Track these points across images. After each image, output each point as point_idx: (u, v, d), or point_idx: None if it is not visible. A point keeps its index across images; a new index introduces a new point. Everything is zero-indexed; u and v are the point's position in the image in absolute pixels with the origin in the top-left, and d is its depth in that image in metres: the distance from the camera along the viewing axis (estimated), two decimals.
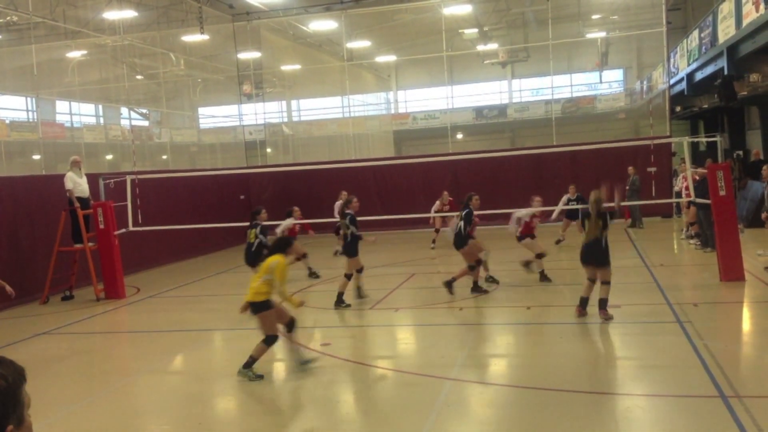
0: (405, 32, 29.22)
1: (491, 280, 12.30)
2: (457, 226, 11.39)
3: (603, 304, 9.32)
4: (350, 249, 11.03)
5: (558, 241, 16.92)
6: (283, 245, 7.84)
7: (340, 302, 10.98)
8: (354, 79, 27.12)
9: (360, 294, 11.43)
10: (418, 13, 26.15)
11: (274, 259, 7.58)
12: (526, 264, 12.66)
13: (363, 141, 28.68)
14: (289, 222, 13.96)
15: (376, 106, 36.06)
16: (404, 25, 27.76)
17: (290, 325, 7.84)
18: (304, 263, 14.21)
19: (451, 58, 27.46)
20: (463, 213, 11.37)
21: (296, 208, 14.25)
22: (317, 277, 14.21)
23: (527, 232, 12.70)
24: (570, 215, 16.41)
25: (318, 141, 30.54)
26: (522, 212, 12.72)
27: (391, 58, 32.91)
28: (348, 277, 11.16)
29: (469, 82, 37.34)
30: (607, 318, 9.21)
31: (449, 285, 11.40)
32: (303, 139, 30.74)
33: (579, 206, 14.60)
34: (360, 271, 11.28)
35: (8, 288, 8.96)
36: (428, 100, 38.52)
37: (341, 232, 11.55)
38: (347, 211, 11.08)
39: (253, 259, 11.10)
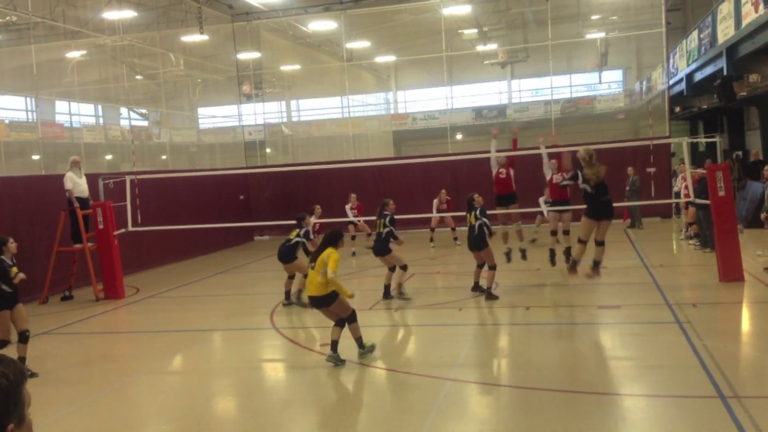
0: (404, 32, 29.22)
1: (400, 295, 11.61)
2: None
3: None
4: (385, 247, 11.36)
5: (533, 240, 16.27)
6: (334, 238, 8.12)
7: (401, 294, 11.42)
8: (353, 80, 27.11)
9: (401, 291, 11.51)
10: (418, 13, 26.15)
11: (327, 252, 7.92)
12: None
13: (362, 141, 28.67)
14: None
15: (376, 106, 36.05)
16: (404, 25, 27.76)
17: (352, 317, 8.12)
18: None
19: (451, 58, 27.45)
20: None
21: (318, 207, 14.26)
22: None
23: (558, 197, 12.70)
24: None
25: (317, 141, 30.52)
26: (545, 163, 12.83)
27: (390, 58, 32.91)
28: (396, 269, 11.42)
29: (468, 82, 37.31)
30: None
31: (485, 291, 11.30)
32: (302, 139, 30.73)
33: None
34: (404, 267, 11.44)
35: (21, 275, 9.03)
36: (428, 100, 38.51)
37: (370, 232, 11.97)
38: (385, 212, 11.48)
39: (286, 255, 11.20)
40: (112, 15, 21.62)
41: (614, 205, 10.39)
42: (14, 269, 8.09)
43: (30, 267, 13.57)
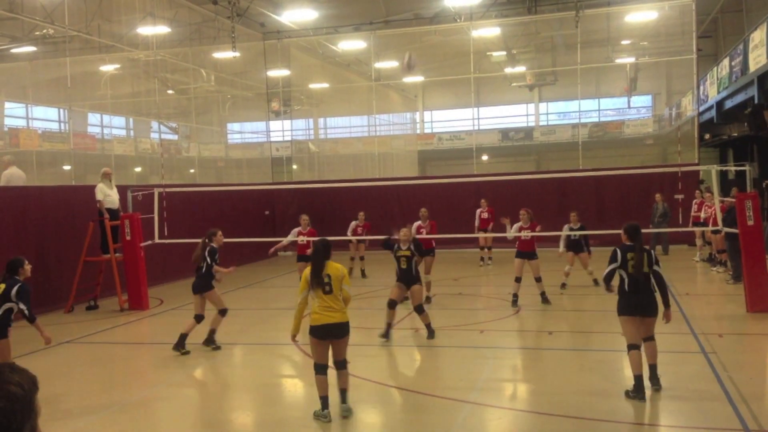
0: (433, 53, 29.33)
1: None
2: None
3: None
4: (206, 283, 10.38)
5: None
6: (329, 250, 7.19)
7: (209, 342, 10.27)
8: (381, 99, 27.26)
9: (210, 339, 10.43)
10: (447, 35, 26.27)
11: (336, 267, 7.00)
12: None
13: (388, 160, 28.76)
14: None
15: (402, 125, 36.19)
16: (432, 46, 27.89)
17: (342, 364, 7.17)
18: None
19: (479, 79, 27.54)
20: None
21: (304, 216, 14.06)
22: None
23: (524, 248, 12.52)
24: (572, 246, 14.06)
25: (343, 159, 30.68)
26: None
27: (418, 78, 33.03)
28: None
29: (495, 104, 37.35)
30: None
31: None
32: (328, 156, 30.91)
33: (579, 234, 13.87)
34: (223, 312, 10.51)
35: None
36: (454, 121, 38.57)
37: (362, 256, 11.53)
38: (211, 244, 10.45)
39: (203, 285, 10.38)
40: (146, 30, 22.03)
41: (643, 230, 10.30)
42: None
43: (57, 275, 13.81)
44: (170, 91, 26.45)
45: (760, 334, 10.25)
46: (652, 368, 7.26)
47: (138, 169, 25.03)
